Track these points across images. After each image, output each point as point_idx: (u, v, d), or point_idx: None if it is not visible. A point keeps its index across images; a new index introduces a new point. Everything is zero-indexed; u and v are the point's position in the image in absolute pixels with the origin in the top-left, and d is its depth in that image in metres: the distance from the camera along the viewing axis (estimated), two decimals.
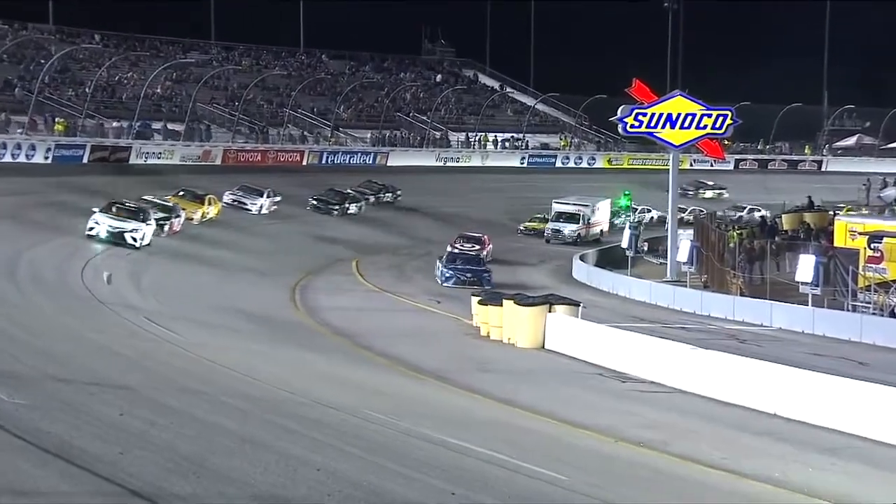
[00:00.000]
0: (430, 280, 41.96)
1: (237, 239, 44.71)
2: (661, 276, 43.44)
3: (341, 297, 34.93)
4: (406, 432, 14.78)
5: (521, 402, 18.97)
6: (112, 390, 15.21)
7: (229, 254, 40.74)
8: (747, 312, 34.18)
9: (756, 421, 18.55)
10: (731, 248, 38.91)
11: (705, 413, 19.10)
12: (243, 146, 64.13)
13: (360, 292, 37.20)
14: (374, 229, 54.14)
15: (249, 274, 37.34)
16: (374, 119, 75.22)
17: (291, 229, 50.16)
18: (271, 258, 42.01)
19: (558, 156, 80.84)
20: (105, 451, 11.39)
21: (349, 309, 32.04)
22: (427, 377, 21.45)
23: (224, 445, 12.44)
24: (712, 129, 43.81)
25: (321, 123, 71.69)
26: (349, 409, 16.12)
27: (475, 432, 15.76)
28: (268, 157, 64.44)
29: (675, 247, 42.59)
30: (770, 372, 19.58)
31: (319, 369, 21.38)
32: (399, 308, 33.60)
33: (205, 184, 51.37)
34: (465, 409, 18.44)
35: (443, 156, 75.05)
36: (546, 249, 54.48)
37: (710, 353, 21.58)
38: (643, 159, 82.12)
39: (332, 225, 52.99)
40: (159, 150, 58.07)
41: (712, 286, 40.31)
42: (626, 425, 17.39)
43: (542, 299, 27.15)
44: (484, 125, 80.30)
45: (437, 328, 29.24)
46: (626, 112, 43.40)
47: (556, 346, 25.58)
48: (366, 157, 70.34)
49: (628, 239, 43.98)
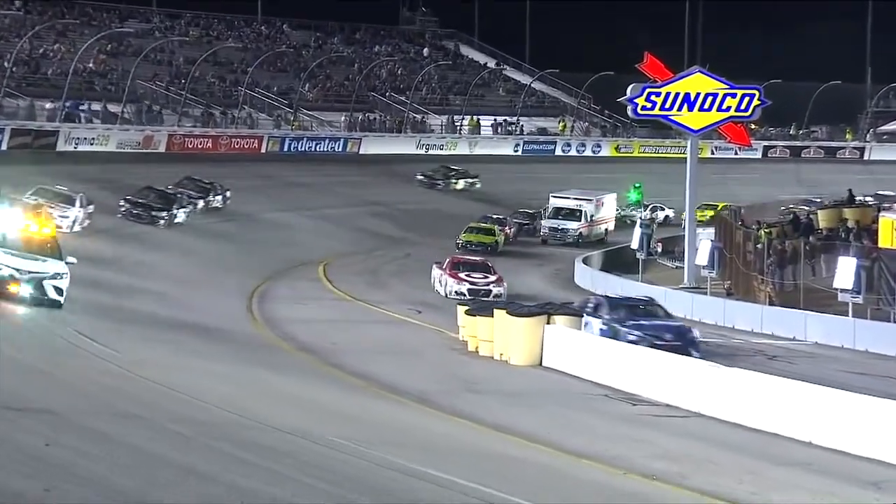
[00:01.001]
0: (408, 286, 41.97)
1: (181, 240, 44.66)
2: (677, 282, 43.57)
3: (306, 306, 34.92)
4: (380, 463, 14.80)
5: (515, 428, 18.99)
6: (35, 415, 15.18)
7: (172, 258, 40.66)
8: (777, 324, 34.31)
9: (787, 450, 18.62)
10: (758, 250, 39.06)
11: (728, 441, 19.16)
12: (191, 131, 64.04)
13: (328, 301, 37.19)
14: (344, 228, 54.19)
15: (198, 280, 37.29)
16: (344, 100, 75.23)
17: (245, 228, 50.12)
18: (224, 262, 41.97)
19: (558, 142, 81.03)
20: (28, 486, 11.35)
21: (315, 320, 32.02)
22: (405, 399, 21.47)
23: (166, 478, 12.42)
24: (737, 112, 44.00)
25: (282, 105, 71.68)
26: (313, 435, 16.12)
27: (461, 463, 15.77)
28: (220, 144, 64.35)
29: (694, 248, 42.75)
30: (804, 393, 19.65)
31: (279, 390, 21.37)
32: (373, 319, 33.62)
33: (145, 174, 51.30)
34: (449, 437, 18.47)
35: (424, 142, 75.10)
36: (543, 251, 54.59)
37: (734, 371, 21.66)
38: (656, 147, 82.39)
39: (297, 225, 52.98)
40: (92, 134, 57.95)
41: (737, 293, 40.43)
42: (636, 455, 17.43)
43: (539, 309, 27.21)
44: (472, 107, 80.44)
45: (417, 342, 29.27)
46: (636, 91, 43.54)
47: (555, 362, 25.64)
48: (334, 144, 70.35)
49: (639, 239, 44.15)
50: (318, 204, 57.94)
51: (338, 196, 60.31)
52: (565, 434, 18.82)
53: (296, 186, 60.64)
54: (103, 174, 50.38)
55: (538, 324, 26.16)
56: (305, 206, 56.74)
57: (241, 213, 52.62)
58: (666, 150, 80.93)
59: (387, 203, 60.27)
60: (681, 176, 47.32)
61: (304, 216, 55.06)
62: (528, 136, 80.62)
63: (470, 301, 32.23)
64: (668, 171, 66.41)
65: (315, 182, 62.27)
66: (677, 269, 47.48)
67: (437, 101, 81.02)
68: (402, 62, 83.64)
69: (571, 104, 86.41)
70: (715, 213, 56.48)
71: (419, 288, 42.22)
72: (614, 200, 61.27)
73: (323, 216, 55.92)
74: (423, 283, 43.43)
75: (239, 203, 53.84)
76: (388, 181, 63.55)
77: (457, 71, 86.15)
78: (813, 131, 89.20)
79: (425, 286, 42.71)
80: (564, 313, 26.96)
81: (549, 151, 79.96)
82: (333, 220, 55.69)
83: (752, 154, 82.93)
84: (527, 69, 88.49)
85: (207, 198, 51.16)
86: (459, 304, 29.93)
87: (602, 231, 58.99)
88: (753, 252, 39.59)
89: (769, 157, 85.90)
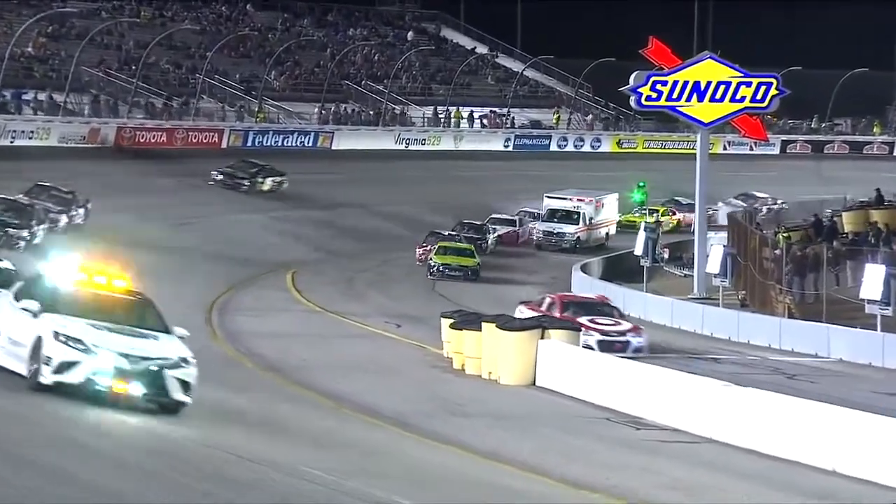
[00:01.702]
0: (386, 297, 41.95)
1: (124, 247, 44.40)
2: (686, 293, 43.69)
3: (272, 319, 34.93)
4: (358, 495, 14.82)
5: (507, 455, 19.03)
6: None
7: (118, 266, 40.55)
8: (798, 339, 34.43)
9: (809, 479, 18.70)
10: (776, 256, 39.20)
11: (743, 469, 19.23)
12: (143, 124, 64.00)
13: (298, 313, 37.20)
14: (315, 232, 54.16)
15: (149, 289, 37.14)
16: (314, 89, 75.27)
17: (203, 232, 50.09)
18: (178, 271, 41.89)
19: (553, 136, 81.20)
20: None
21: (283, 335, 32.03)
22: (384, 423, 21.49)
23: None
24: (752, 102, 44.20)
25: (245, 95, 71.64)
26: (282, 465, 16.13)
27: (447, 494, 15.79)
28: (176, 139, 64.31)
29: (705, 254, 42.88)
30: (827, 416, 19.72)
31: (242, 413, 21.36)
32: (347, 333, 33.64)
33: (90, 171, 51.21)
34: (433, 464, 18.49)
35: (404, 136, 75.18)
36: (537, 258, 54.65)
37: (749, 391, 21.73)
38: (662, 142, 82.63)
39: (256, 227, 52.92)
40: (31, 127, 57.85)
41: (752, 305, 40.56)
42: (641, 485, 17.48)
43: (532, 322, 27.27)
44: (458, 97, 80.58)
45: (396, 359, 29.30)
46: (640, 80, 43.68)
47: (550, 382, 25.69)
48: (304, 138, 70.39)
49: (643, 244, 44.27)
50: (285, 205, 57.90)
51: (308, 196, 60.28)
52: (562, 461, 18.87)
53: None
54: (46, 170, 50.24)
55: (531, 339, 26.21)
56: (270, 208, 56.69)
57: (197, 215, 52.58)
58: (673, 146, 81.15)
59: (363, 204, 60.25)
60: (690, 174, 47.50)
61: (271, 218, 55.04)
62: (520, 129, 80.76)
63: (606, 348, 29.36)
64: (675, 168, 66.61)
65: None
66: (686, 277, 47.62)
67: (418, 91, 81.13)
68: (380, 47, 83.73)
69: (568, 94, 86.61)
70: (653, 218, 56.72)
71: (399, 298, 42.20)
72: (616, 201, 61.38)
73: (291, 219, 55.90)
74: (403, 293, 43.41)
75: (195, 205, 53.77)
76: (365, 180, 63.55)
77: (440, 57, 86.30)
78: (837, 124, 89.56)
79: (405, 296, 42.68)
80: (561, 327, 27.01)
81: (544, 147, 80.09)
82: (303, 223, 55.67)
83: (769, 150, 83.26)
84: (518, 55, 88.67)
85: (70, 211, 43.59)
86: (444, 316, 29.95)
87: (602, 235, 59.12)
88: (771, 259, 39.73)
89: (788, 153, 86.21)
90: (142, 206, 51.26)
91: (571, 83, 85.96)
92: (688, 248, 50.11)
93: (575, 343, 26.68)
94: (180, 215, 51.91)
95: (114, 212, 49.18)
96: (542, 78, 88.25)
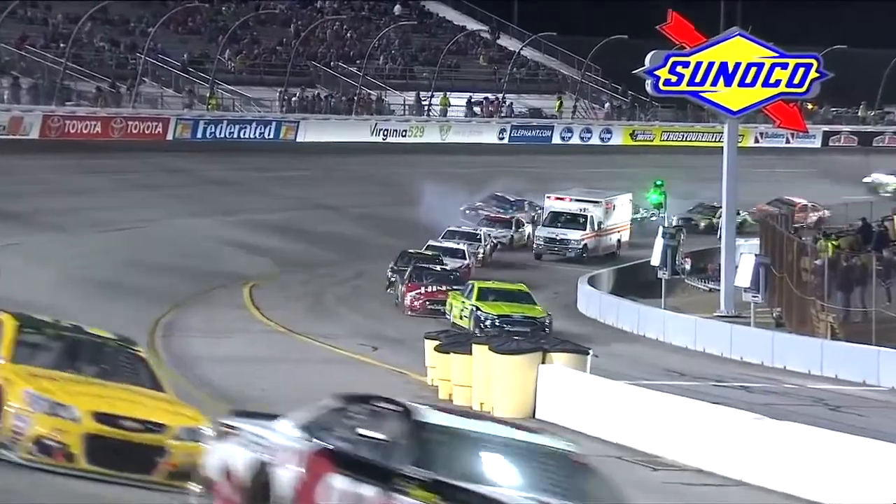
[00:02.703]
0: (361, 315, 41.86)
1: (48, 253, 44.41)
2: (711, 310, 43.66)
3: (227, 341, 34.86)
4: None
5: None
6: None
7: (37, 281, 40.35)
8: (843, 364, 34.43)
9: None
10: (817, 267, 39.23)
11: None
12: (73, 112, 63.91)
13: (256, 334, 37.13)
14: (277, 239, 54.08)
15: (77, 310, 36.99)
16: (276, 71, 75.27)
17: (143, 239, 50.01)
18: (114, 284, 41.79)
19: (556, 127, 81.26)
20: None
21: (239, 360, 31.94)
22: None
23: None
24: (789, 87, 44.25)
25: (195, 78, 71.59)
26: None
27: None
28: (112, 129, 64.20)
29: (733, 265, 42.89)
30: (878, 454, 19.71)
31: None
32: (315, 358, 33.59)
33: (10, 168, 51.04)
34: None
35: (381, 127, 75.17)
36: (537, 269, 54.64)
37: (786, 426, 21.70)
38: (684, 133, 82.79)
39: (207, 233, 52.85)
40: None
41: (789, 324, 40.56)
42: None
43: (531, 344, 27.22)
44: (444, 81, 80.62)
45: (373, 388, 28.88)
46: (658, 61, 43.70)
47: (552, 414, 25.66)
48: (264, 129, 70.35)
49: (661, 253, 44.26)
50: (243, 207, 57.81)
51: (269, 197, 60.20)
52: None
53: (213, 184, 60.48)
54: None
55: (530, 364, 26.18)
56: (225, 211, 56.62)
57: (138, 219, 52.48)
58: (696, 138, 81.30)
59: (333, 206, 60.23)
60: (716, 171, 47.46)
61: (224, 223, 54.96)
62: (518, 119, 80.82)
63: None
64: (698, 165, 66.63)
65: (239, 179, 62.13)
66: (711, 292, 47.58)
67: (398, 74, 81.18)
68: (353, 22, 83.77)
69: (573, 78, 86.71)
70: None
71: (375, 317, 42.12)
72: (629, 203, 61.40)
73: (249, 223, 55.80)
74: (380, 311, 43.34)
75: (135, 207, 53.66)
76: (335, 178, 63.48)
77: (424, 34, 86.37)
78: (888, 112, 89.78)
79: (383, 314, 42.61)
80: (565, 350, 26.98)
81: (545, 139, 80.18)
82: (263, 228, 55.55)
83: (809, 142, 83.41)
84: (515, 32, 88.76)
85: None
86: (428, 337, 29.92)
87: (613, 242, 59.14)
88: (811, 270, 39.75)
89: (831, 147, 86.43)
90: (72, 209, 51.18)
91: (577, 65, 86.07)
92: (713, 258, 50.12)
93: (582, 368, 26.64)
94: (117, 220, 51.82)
95: (37, 215, 49.09)
96: (542, 59, 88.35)
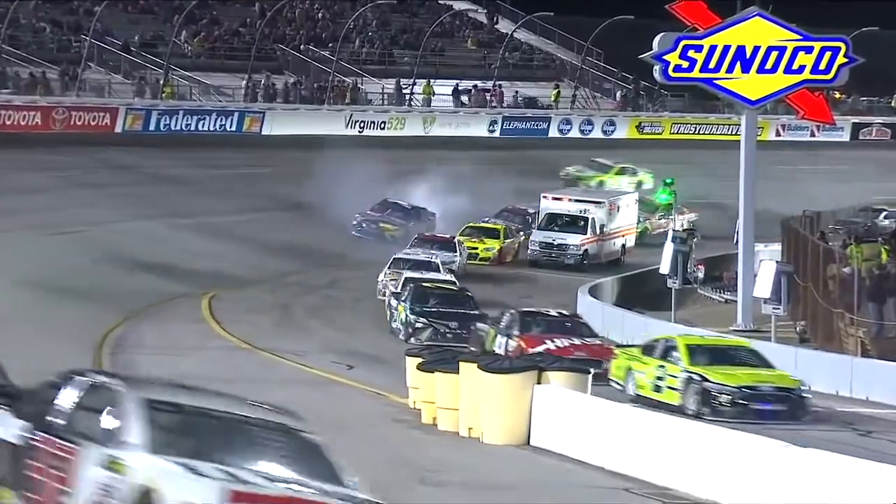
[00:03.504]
0: (334, 329, 41.87)
1: None
2: (727, 324, 43.68)
3: (184, 359, 34.74)
4: None
5: None
6: None
7: None
8: (875, 384, 34.54)
9: None
10: (846, 276, 39.33)
11: None
12: (10, 101, 63.81)
13: (217, 350, 37.08)
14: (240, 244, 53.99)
15: (12, 323, 37.04)
16: (239, 55, 75.18)
17: (89, 243, 49.93)
18: (54, 295, 41.77)
19: (553, 119, 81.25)
20: None
21: (196, 380, 31.54)
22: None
23: None
24: (814, 74, 44.31)
25: (148, 63, 71.51)
26: None
27: None
28: (53, 121, 64.09)
29: (752, 273, 42.96)
30: None
31: None
32: (282, 377, 33.51)
33: None
34: None
35: (357, 118, 75.11)
36: (532, 277, 54.65)
37: (811, 453, 21.79)
38: (696, 125, 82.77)
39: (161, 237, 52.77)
40: None
41: (814, 340, 40.62)
42: None
43: (526, 362, 27.25)
44: (428, 67, 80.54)
45: (347, 412, 29.22)
46: (667, 44, 43.75)
47: (550, 440, 25.68)
48: (225, 121, 70.27)
49: (671, 260, 44.29)
50: (201, 208, 57.72)
51: (230, 197, 60.12)
52: None
53: (167, 182, 60.34)
54: None
55: (525, 383, 26.13)
56: (181, 212, 56.50)
57: (83, 222, 52.42)
58: (710, 131, 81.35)
59: (302, 207, 60.07)
60: (732, 168, 47.51)
61: (180, 226, 54.83)
62: (510, 109, 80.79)
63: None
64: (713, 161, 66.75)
65: (196, 177, 62.02)
66: (727, 303, 47.57)
67: (375, 59, 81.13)
68: (325, 1, 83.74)
69: (573, 63, 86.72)
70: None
71: (350, 331, 42.10)
72: (635, 204, 61.47)
73: (208, 226, 55.70)
74: (356, 324, 43.34)
75: (79, 208, 53.60)
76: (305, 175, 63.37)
77: (405, 14, 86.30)
78: None
79: (358, 328, 42.62)
80: (563, 368, 27.02)
81: (541, 132, 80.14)
82: (224, 232, 55.47)
83: (836, 135, 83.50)
84: (508, 12, 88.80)
85: None
86: (409, 354, 29.98)
87: (617, 248, 59.19)
88: (839, 279, 39.83)
89: (861, 140, 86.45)
90: (9, 211, 51.08)
91: (577, 49, 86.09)
92: (730, 265, 50.16)
93: (583, 388, 26.69)
94: (59, 223, 51.72)
95: None
96: (538, 42, 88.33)
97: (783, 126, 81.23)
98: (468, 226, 56.65)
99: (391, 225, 57.50)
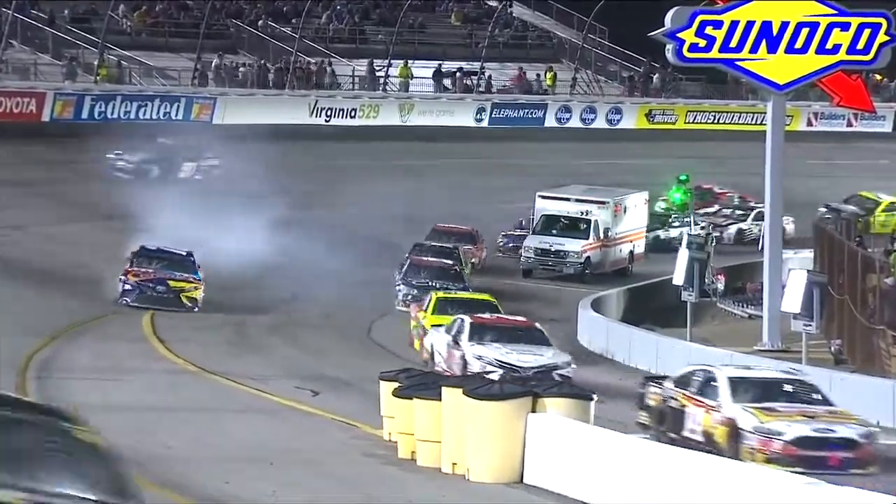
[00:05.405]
0: (297, 349, 41.89)
1: None
2: (751, 342, 43.76)
3: (122, 385, 34.80)
4: None
5: None
6: None
7: None
8: None
9: None
10: (888, 288, 39.40)
11: None
12: None
13: (160, 374, 37.10)
14: (183, 250, 54.01)
15: None
16: (186, 33, 75.24)
17: (12, 250, 49.97)
18: None
19: (549, 106, 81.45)
20: None
21: (137, 408, 31.88)
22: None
23: None
24: (850, 54, 44.43)
25: (80, 41, 71.49)
26: None
27: None
28: None
29: (779, 284, 43.04)
30: None
31: None
32: (237, 405, 33.58)
33: None
34: None
35: (324, 105, 75.22)
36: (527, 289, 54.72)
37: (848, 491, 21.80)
38: (714, 113, 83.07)
39: (95, 243, 52.81)
40: None
41: (852, 361, 40.67)
42: None
43: (519, 388, 27.23)
44: (406, 46, 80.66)
45: (313, 445, 29.27)
46: (682, 21, 43.84)
47: (546, 478, 25.69)
48: (171, 108, 70.32)
49: (686, 268, 44.38)
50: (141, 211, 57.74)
51: (175, 197, 60.15)
52: None
53: (102, 180, 60.35)
54: None
55: (517, 412, 26.17)
56: (118, 214, 56.51)
57: (3, 225, 52.54)
58: (731, 120, 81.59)
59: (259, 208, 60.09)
60: (756, 162, 47.64)
61: (117, 231, 54.88)
62: (501, 95, 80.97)
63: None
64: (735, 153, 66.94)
65: None
66: (751, 318, 47.61)
67: (345, 37, 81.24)
68: None
69: (573, 42, 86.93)
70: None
71: (316, 351, 42.17)
72: (644, 204, 61.55)
73: (150, 230, 55.73)
74: (323, 344, 43.37)
75: (1, 209, 53.68)
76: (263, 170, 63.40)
77: None
78: None
79: (326, 348, 42.66)
80: (562, 395, 27.02)
81: (536, 121, 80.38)
82: (166, 236, 55.49)
83: (877, 125, 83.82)
84: None
85: None
86: (384, 378, 29.91)
87: (624, 255, 59.29)
88: (879, 291, 39.88)
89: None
90: None
91: (577, 26, 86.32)
92: (754, 275, 50.22)
93: (584, 418, 26.67)
94: None
95: None
96: (533, 17, 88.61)
97: (815, 114, 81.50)
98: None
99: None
